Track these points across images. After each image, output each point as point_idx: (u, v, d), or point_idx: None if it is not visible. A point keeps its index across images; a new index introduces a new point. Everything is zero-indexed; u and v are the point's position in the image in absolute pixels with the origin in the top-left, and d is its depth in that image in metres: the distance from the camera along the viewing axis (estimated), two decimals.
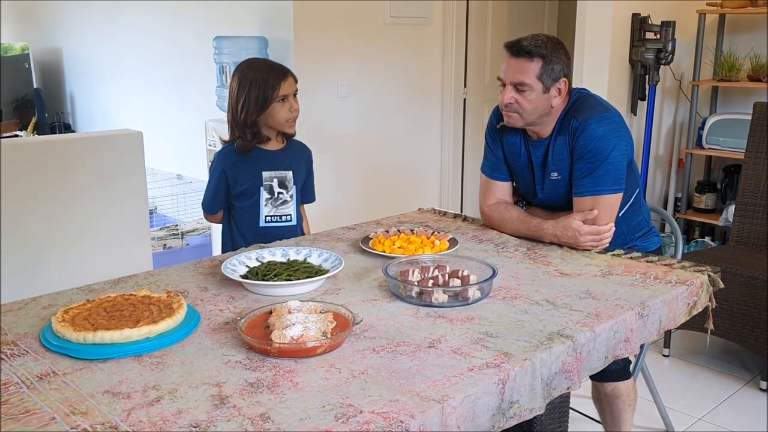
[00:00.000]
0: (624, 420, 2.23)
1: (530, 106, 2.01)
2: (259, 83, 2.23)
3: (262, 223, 2.34)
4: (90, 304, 1.53)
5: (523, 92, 2.00)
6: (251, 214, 2.34)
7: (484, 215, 2.26)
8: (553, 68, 1.99)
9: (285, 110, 2.27)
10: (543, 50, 1.98)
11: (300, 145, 2.47)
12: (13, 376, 1.28)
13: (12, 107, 6.27)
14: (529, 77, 1.98)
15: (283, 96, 2.25)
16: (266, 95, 2.23)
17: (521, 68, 1.99)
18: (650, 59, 4.09)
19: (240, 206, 2.35)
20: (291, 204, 2.37)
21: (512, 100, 2.02)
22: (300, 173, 2.41)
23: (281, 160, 2.35)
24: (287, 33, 3.69)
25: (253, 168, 2.31)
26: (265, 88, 2.23)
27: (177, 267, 1.91)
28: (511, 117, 2.06)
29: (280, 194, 2.35)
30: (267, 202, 2.34)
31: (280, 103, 2.25)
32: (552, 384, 1.40)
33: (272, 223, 2.35)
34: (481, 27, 4.53)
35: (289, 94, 2.27)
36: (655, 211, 2.51)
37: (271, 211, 2.34)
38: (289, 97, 2.27)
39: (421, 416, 1.14)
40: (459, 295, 1.64)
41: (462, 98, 4.49)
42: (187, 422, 1.12)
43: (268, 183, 2.32)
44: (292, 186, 2.37)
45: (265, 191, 2.33)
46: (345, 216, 3.78)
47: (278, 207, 2.35)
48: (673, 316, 1.73)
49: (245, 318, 1.46)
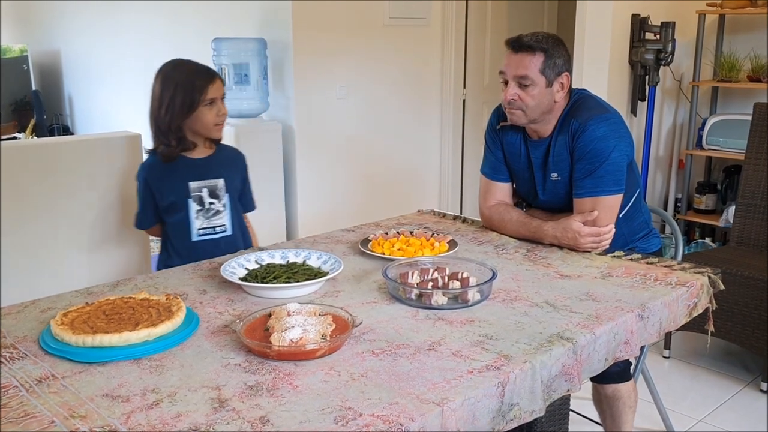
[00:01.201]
0: (624, 422, 2.23)
1: (534, 102, 2.01)
2: (185, 86, 2.11)
3: (195, 237, 2.21)
4: (89, 307, 1.53)
5: (526, 87, 1.99)
6: (182, 229, 2.21)
7: (484, 217, 2.26)
8: (555, 62, 1.99)
9: (212, 114, 2.15)
10: (544, 44, 1.98)
11: (232, 151, 2.34)
12: (12, 379, 1.27)
13: (11, 109, 6.27)
14: (532, 71, 1.98)
15: (211, 99, 2.14)
16: (193, 98, 2.11)
17: (524, 62, 1.98)
18: (650, 60, 4.08)
19: (170, 221, 2.23)
20: (225, 213, 2.25)
21: (515, 96, 2.01)
22: (233, 180, 2.28)
23: (210, 168, 2.23)
24: (286, 34, 3.69)
25: (178, 179, 2.18)
26: (192, 90, 2.11)
27: (176, 270, 1.91)
28: (514, 114, 2.05)
29: (212, 204, 2.21)
30: (198, 215, 2.20)
31: (207, 106, 2.14)
32: (552, 386, 1.39)
33: (206, 236, 2.22)
34: (481, 28, 4.52)
35: (217, 97, 2.16)
36: (655, 212, 2.51)
37: (203, 224, 2.21)
38: (217, 101, 2.16)
39: (420, 419, 1.14)
40: (459, 297, 1.64)
41: (461, 99, 4.49)
42: (186, 425, 1.12)
43: (197, 194, 2.19)
44: (224, 194, 2.24)
45: (195, 203, 2.20)
46: (344, 218, 3.78)
47: (211, 218, 2.21)
48: (674, 318, 1.73)
49: (244, 321, 1.45)
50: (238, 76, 3.67)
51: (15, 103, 6.30)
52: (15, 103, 6.30)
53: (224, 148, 2.30)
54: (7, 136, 5.85)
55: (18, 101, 6.30)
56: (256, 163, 3.61)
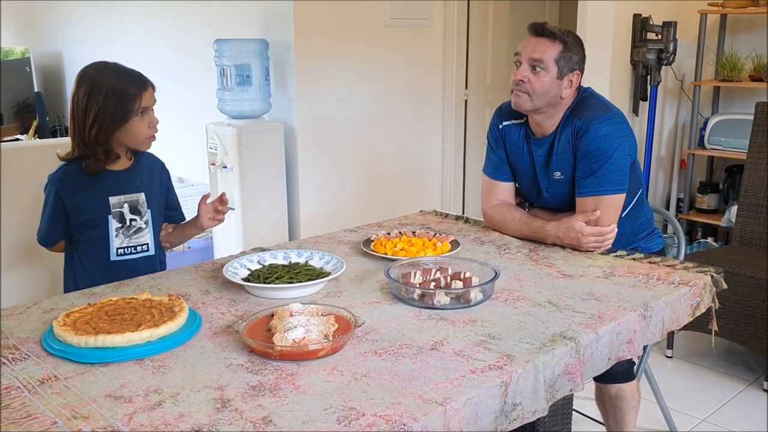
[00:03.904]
0: (627, 422, 2.23)
1: (541, 89, 2.01)
2: (117, 93, 1.89)
3: (114, 257, 1.99)
4: (91, 308, 1.53)
5: (537, 72, 2.00)
6: (99, 248, 1.99)
7: (486, 217, 2.26)
8: (571, 57, 2.00)
9: (145, 125, 1.95)
10: (566, 37, 2.00)
11: (149, 159, 2.10)
12: (14, 380, 1.27)
13: (13, 111, 6.28)
14: (548, 57, 1.99)
15: (144, 109, 1.94)
16: (126, 108, 1.90)
17: (542, 46, 2.00)
18: (652, 60, 4.08)
19: (84, 239, 2.00)
20: (147, 231, 2.04)
21: (525, 78, 2.01)
22: (154, 192, 2.08)
23: (131, 181, 2.02)
24: (288, 35, 3.69)
25: (97, 193, 1.97)
26: (125, 99, 1.90)
27: (178, 270, 1.91)
28: (520, 97, 2.04)
29: (133, 221, 2.01)
30: (118, 232, 1.99)
31: (140, 117, 1.93)
32: (555, 386, 1.39)
33: (126, 255, 2.01)
34: (482, 28, 4.52)
35: (149, 106, 1.96)
36: (658, 211, 2.51)
37: (123, 242, 2.00)
38: (150, 111, 1.96)
39: (423, 419, 1.14)
40: (461, 297, 1.63)
41: (463, 100, 4.49)
42: (189, 426, 1.12)
43: (118, 210, 1.98)
44: (146, 210, 2.04)
45: (115, 219, 1.98)
46: (346, 218, 3.78)
47: (132, 237, 2.01)
48: (676, 318, 1.72)
49: (247, 321, 1.45)
50: (240, 77, 3.67)
51: (17, 105, 6.30)
52: (17, 105, 6.30)
53: (142, 156, 2.07)
54: (9, 138, 5.86)
55: (20, 103, 6.31)
56: (258, 164, 3.65)
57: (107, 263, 1.99)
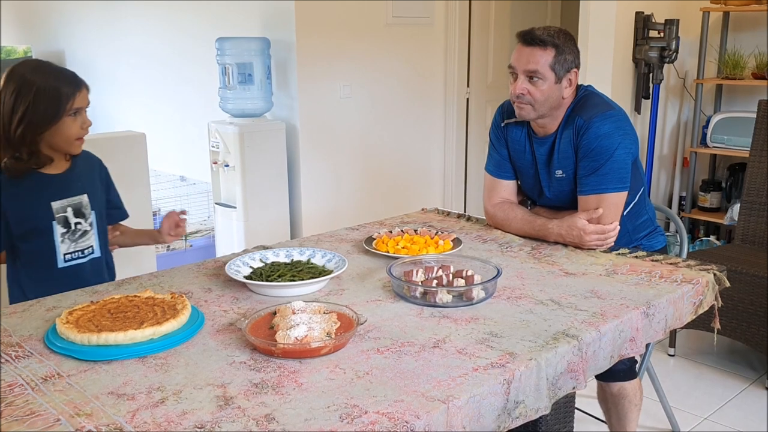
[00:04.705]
0: (630, 420, 2.23)
1: (542, 97, 2.00)
2: (49, 92, 1.83)
3: (62, 264, 1.93)
4: (94, 305, 1.53)
5: (535, 82, 1.99)
6: (44, 256, 1.92)
7: (488, 215, 2.25)
8: (565, 58, 1.99)
9: (76, 126, 1.88)
10: (556, 40, 1.98)
11: (87, 158, 2.04)
12: (17, 377, 1.28)
13: None
14: (543, 66, 1.97)
15: (77, 109, 1.88)
16: (57, 108, 1.84)
17: (534, 57, 1.98)
18: (654, 58, 4.08)
19: (27, 248, 1.92)
20: (92, 233, 1.99)
21: (525, 91, 1.99)
22: (96, 193, 2.02)
23: (72, 183, 1.95)
24: (289, 34, 3.69)
25: (38, 200, 1.89)
26: (58, 98, 1.84)
27: (181, 268, 1.91)
28: (523, 109, 2.04)
29: (78, 225, 1.95)
30: (64, 238, 1.93)
31: (71, 117, 1.87)
32: (557, 384, 1.39)
33: (73, 260, 1.95)
34: (484, 27, 4.52)
35: (83, 107, 1.90)
36: (660, 210, 2.51)
37: (70, 248, 1.94)
38: (83, 112, 1.91)
39: (426, 416, 1.14)
40: (463, 295, 1.63)
41: (465, 98, 4.49)
42: (191, 423, 1.12)
43: (62, 214, 1.92)
44: (90, 212, 1.98)
45: (60, 225, 1.91)
46: (348, 216, 3.79)
47: (78, 241, 1.96)
48: (679, 316, 1.72)
49: (249, 319, 1.45)
50: (242, 75, 3.68)
51: None
52: None
53: (79, 157, 1.99)
54: None
55: None
56: (260, 163, 3.65)
57: (55, 271, 1.93)
